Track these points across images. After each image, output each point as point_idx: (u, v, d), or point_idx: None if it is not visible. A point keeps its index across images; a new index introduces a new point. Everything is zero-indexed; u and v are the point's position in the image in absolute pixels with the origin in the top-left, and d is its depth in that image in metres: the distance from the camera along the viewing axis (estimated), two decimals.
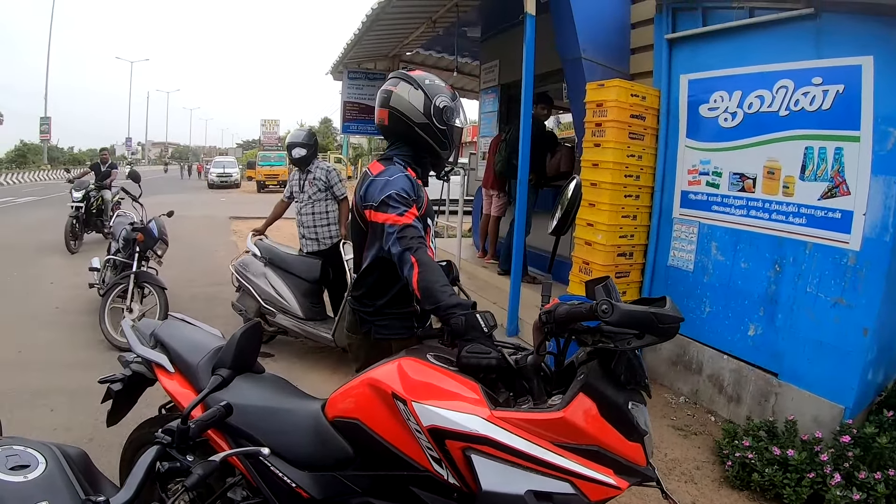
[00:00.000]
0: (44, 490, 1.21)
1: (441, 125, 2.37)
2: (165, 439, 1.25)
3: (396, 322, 2.38)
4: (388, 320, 2.39)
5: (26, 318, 6.16)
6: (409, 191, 2.23)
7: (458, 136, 2.48)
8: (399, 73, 2.46)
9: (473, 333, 1.83)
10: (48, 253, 9.95)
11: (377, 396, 1.79)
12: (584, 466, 1.55)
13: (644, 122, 4.72)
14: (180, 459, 1.25)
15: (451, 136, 2.43)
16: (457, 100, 2.46)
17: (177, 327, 2.53)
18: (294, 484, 1.91)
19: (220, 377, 1.38)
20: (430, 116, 2.35)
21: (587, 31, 5.06)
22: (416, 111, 2.34)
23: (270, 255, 5.47)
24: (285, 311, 5.22)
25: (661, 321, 1.47)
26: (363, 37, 8.07)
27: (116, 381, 2.49)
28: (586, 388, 1.59)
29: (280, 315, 5.24)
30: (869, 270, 3.49)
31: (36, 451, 1.31)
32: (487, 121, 9.14)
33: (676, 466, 3.68)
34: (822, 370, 3.70)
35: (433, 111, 2.35)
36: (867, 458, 3.23)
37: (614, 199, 4.66)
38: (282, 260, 5.41)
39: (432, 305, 1.96)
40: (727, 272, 4.37)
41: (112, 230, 6.56)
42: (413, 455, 1.73)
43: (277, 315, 5.25)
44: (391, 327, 2.40)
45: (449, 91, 2.43)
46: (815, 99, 3.74)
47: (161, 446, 1.24)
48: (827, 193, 3.70)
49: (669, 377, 4.82)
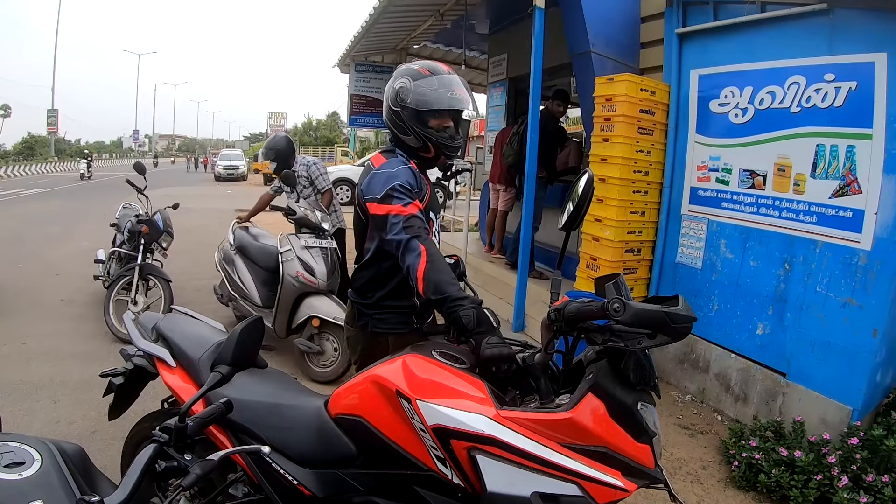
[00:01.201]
0: (38, 488, 1.18)
1: (395, 107, 2.28)
2: (163, 437, 1.22)
3: (394, 316, 2.35)
4: (385, 314, 2.36)
5: (32, 310, 6.17)
6: (412, 182, 2.20)
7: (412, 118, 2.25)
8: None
9: (485, 327, 1.82)
10: (54, 245, 9.95)
11: (381, 394, 1.77)
12: (592, 468, 1.52)
13: (653, 117, 4.68)
14: (178, 458, 1.22)
15: (405, 119, 2.26)
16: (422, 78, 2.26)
17: (179, 321, 2.51)
18: (296, 481, 1.88)
19: (220, 374, 1.35)
20: (392, 100, 2.30)
21: (596, 24, 5.02)
22: (388, 97, 2.33)
23: (240, 243, 5.61)
24: (246, 298, 5.36)
25: (674, 321, 1.43)
26: (370, 29, 8.05)
27: (118, 375, 2.48)
28: (595, 388, 1.56)
29: (241, 301, 5.41)
30: (880, 271, 3.45)
31: (32, 447, 1.28)
32: (495, 115, 9.10)
33: (682, 466, 3.66)
34: (830, 371, 3.66)
35: (392, 94, 2.29)
36: (875, 460, 3.19)
37: (623, 194, 4.62)
38: (246, 248, 5.53)
39: (439, 296, 1.91)
40: (736, 270, 4.33)
41: (117, 222, 6.55)
42: (417, 454, 1.70)
43: (239, 301, 5.43)
44: (388, 321, 2.36)
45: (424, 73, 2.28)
46: (827, 96, 3.69)
47: (158, 444, 1.21)
48: (838, 192, 3.65)
49: (676, 375, 4.78)
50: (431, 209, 2.36)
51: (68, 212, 13.84)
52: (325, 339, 4.76)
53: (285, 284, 4.80)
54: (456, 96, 2.25)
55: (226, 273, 5.61)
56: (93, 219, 12.87)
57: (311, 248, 4.90)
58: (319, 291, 4.79)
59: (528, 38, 5.16)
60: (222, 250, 5.82)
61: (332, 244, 5.07)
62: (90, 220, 12.78)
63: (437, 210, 2.44)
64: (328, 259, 4.91)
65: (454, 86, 2.27)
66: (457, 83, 2.28)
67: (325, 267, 4.82)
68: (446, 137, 2.29)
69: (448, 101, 2.24)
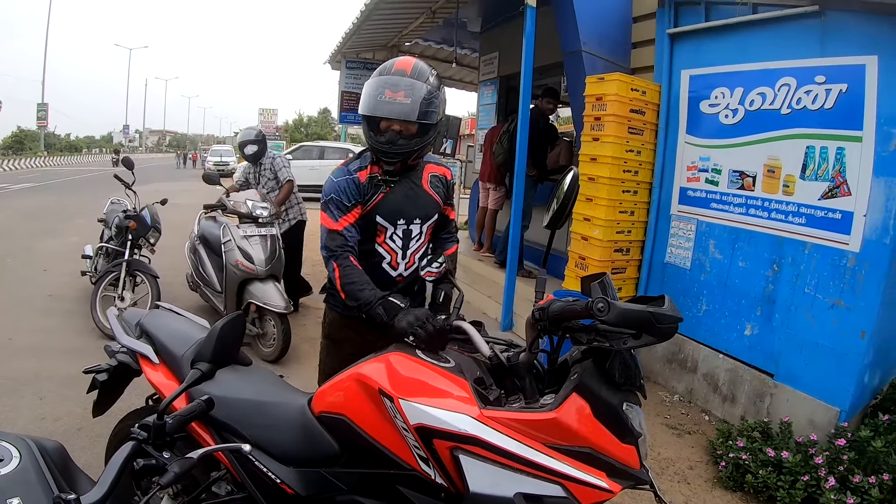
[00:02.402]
0: (17, 485, 1.17)
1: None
2: (141, 435, 1.20)
3: (339, 297, 2.36)
4: (335, 292, 2.38)
5: (19, 305, 6.10)
6: (349, 195, 2.28)
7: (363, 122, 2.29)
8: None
9: (394, 311, 2.02)
10: (43, 239, 9.87)
11: (364, 392, 1.75)
12: (576, 469, 1.51)
13: (644, 117, 4.68)
14: (156, 456, 1.21)
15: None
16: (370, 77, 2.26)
17: (163, 317, 2.49)
18: (279, 480, 1.87)
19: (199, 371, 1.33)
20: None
21: (588, 23, 5.02)
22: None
23: (202, 233, 5.86)
24: (208, 285, 5.58)
25: (660, 321, 1.42)
26: (362, 26, 8.03)
27: (102, 372, 2.46)
28: (580, 388, 1.55)
29: (204, 287, 5.67)
30: (868, 273, 3.46)
31: (11, 444, 1.27)
32: (486, 113, 9.10)
33: (669, 466, 3.66)
34: (818, 372, 3.67)
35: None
36: (862, 461, 3.20)
37: (612, 194, 4.62)
38: (207, 239, 5.74)
39: (355, 303, 2.17)
40: (724, 271, 4.33)
41: (105, 217, 6.50)
42: (400, 453, 1.68)
43: (202, 287, 5.71)
44: (336, 298, 2.42)
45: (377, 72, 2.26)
46: (817, 98, 3.70)
47: (137, 442, 1.19)
48: (827, 193, 3.66)
49: (664, 375, 4.79)
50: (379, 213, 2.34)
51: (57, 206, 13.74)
52: (266, 321, 5.04)
53: (228, 272, 5.09)
54: (381, 100, 2.20)
55: (192, 261, 5.93)
56: (82, 213, 12.80)
57: (251, 237, 5.16)
58: (259, 277, 5.01)
59: (519, 37, 5.17)
60: (191, 240, 6.12)
61: (271, 231, 5.31)
62: (79, 215, 12.71)
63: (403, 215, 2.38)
64: (266, 246, 5.14)
65: (383, 88, 2.20)
66: (389, 85, 2.20)
67: (262, 254, 5.06)
68: (378, 141, 2.26)
69: (369, 105, 2.22)
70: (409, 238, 2.42)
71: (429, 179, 2.46)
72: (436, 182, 2.48)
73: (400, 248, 2.42)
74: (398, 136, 2.23)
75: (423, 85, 2.20)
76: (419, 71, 2.25)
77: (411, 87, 2.19)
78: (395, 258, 2.42)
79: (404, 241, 2.42)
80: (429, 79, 2.24)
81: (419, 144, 2.29)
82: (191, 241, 6.10)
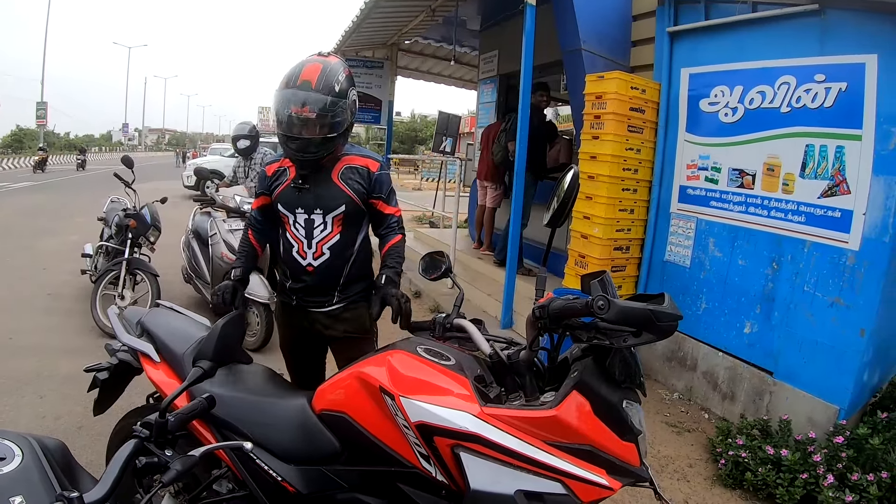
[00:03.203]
0: (19, 483, 1.17)
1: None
2: (143, 433, 1.21)
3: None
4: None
5: (18, 304, 6.11)
6: (260, 182, 2.65)
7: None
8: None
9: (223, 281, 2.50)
10: (42, 238, 9.87)
11: (365, 390, 1.76)
12: (576, 466, 1.51)
13: (643, 115, 4.68)
14: (158, 454, 1.21)
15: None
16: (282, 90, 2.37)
17: (164, 316, 2.49)
18: (280, 477, 1.87)
19: (201, 369, 1.34)
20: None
21: (588, 22, 5.02)
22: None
23: (195, 228, 6.06)
24: (200, 277, 5.85)
25: (659, 319, 1.42)
26: (361, 24, 8.03)
27: (102, 370, 2.47)
28: (580, 385, 1.55)
29: (196, 280, 5.94)
30: (868, 271, 3.47)
31: (13, 443, 1.27)
32: (486, 111, 9.10)
33: (669, 464, 3.67)
34: (817, 370, 3.68)
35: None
36: (860, 459, 3.21)
37: (612, 192, 4.62)
38: (198, 233, 5.94)
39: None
40: (724, 269, 4.34)
41: (105, 216, 6.51)
42: (401, 451, 1.69)
43: (195, 279, 5.97)
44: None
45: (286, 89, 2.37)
46: (817, 96, 3.71)
47: (139, 440, 1.20)
48: (827, 192, 3.67)
49: (664, 373, 4.80)
50: (280, 202, 2.53)
51: (57, 205, 13.75)
52: (250, 311, 5.15)
53: (213, 264, 5.36)
54: (289, 115, 2.34)
55: (185, 255, 6.20)
56: (81, 212, 12.83)
57: (236, 231, 5.37)
58: None
59: (519, 35, 5.17)
60: (186, 234, 6.37)
61: None
62: (78, 214, 12.74)
63: (302, 205, 2.50)
64: None
65: (290, 104, 2.33)
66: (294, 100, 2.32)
67: None
68: (291, 151, 2.43)
69: (278, 122, 2.39)
70: (313, 227, 2.51)
71: (340, 171, 2.52)
72: (350, 174, 2.52)
73: (304, 238, 2.51)
74: (308, 143, 2.37)
75: (326, 98, 2.32)
76: (325, 81, 2.34)
77: (316, 102, 2.31)
78: (301, 247, 2.52)
79: (307, 230, 2.51)
80: (335, 87, 2.35)
81: (329, 150, 2.43)
82: (185, 236, 6.32)
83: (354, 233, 2.58)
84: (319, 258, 2.52)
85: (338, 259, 2.54)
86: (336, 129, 2.38)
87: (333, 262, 2.53)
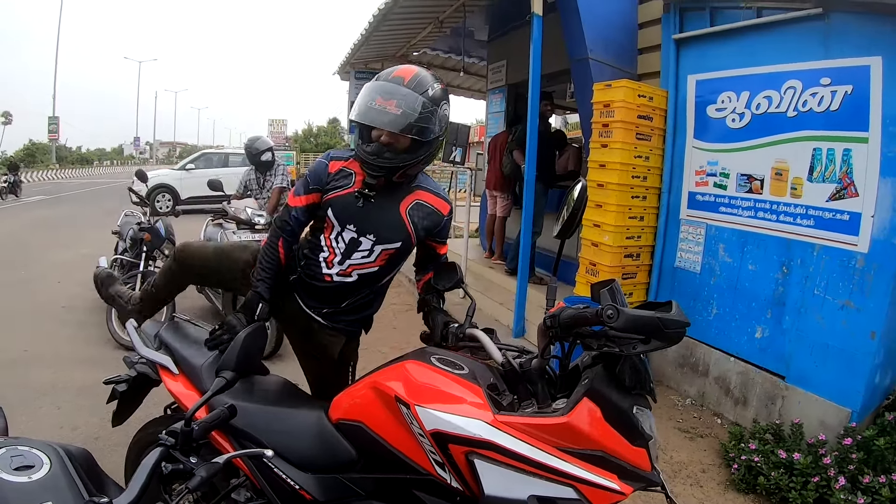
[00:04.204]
0: (48, 490, 1.21)
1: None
2: (169, 441, 1.26)
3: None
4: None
5: (33, 316, 6.18)
6: (315, 178, 2.33)
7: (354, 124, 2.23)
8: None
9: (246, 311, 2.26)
10: (55, 251, 9.98)
11: (381, 399, 1.80)
12: (589, 472, 1.54)
13: (651, 122, 4.72)
14: (184, 461, 1.26)
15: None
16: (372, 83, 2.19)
17: (181, 329, 2.54)
18: (297, 486, 1.91)
19: (224, 379, 1.38)
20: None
21: (594, 31, 5.07)
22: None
23: (207, 237, 6.12)
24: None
25: (667, 326, 1.46)
26: (370, 36, 8.12)
27: (121, 382, 2.51)
28: (591, 392, 1.58)
29: (207, 289, 5.88)
30: (877, 273, 3.48)
31: (40, 451, 1.31)
32: (495, 121, 9.16)
33: (682, 469, 3.68)
34: (829, 373, 3.69)
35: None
36: (871, 461, 3.23)
37: (621, 200, 4.66)
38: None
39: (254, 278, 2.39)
40: (734, 274, 4.36)
41: (119, 230, 6.59)
42: (416, 458, 1.72)
43: (206, 288, 5.89)
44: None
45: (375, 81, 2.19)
46: (823, 100, 3.73)
47: (164, 448, 1.24)
48: (835, 195, 3.69)
49: (676, 379, 4.81)
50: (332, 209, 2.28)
51: (69, 218, 13.88)
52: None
53: None
54: (371, 106, 2.11)
55: None
56: (93, 225, 12.94)
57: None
58: None
59: (526, 45, 5.22)
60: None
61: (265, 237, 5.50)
62: (91, 227, 12.85)
63: (354, 222, 2.29)
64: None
65: (375, 95, 2.12)
66: (381, 92, 2.11)
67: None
68: (363, 150, 2.18)
69: (358, 112, 2.14)
70: (355, 248, 2.31)
71: (411, 204, 2.32)
72: (418, 211, 2.33)
73: (341, 253, 2.31)
74: (385, 148, 2.15)
75: (417, 97, 2.10)
76: (418, 81, 2.14)
77: (405, 98, 2.09)
78: (332, 258, 2.32)
79: (348, 248, 2.30)
80: (428, 91, 2.13)
81: (406, 161, 2.18)
82: None
83: (392, 269, 2.43)
84: (344, 277, 2.34)
85: (363, 287, 2.39)
86: (422, 136, 2.14)
87: (355, 288, 2.37)
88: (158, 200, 15.94)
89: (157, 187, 16.24)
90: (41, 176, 36.06)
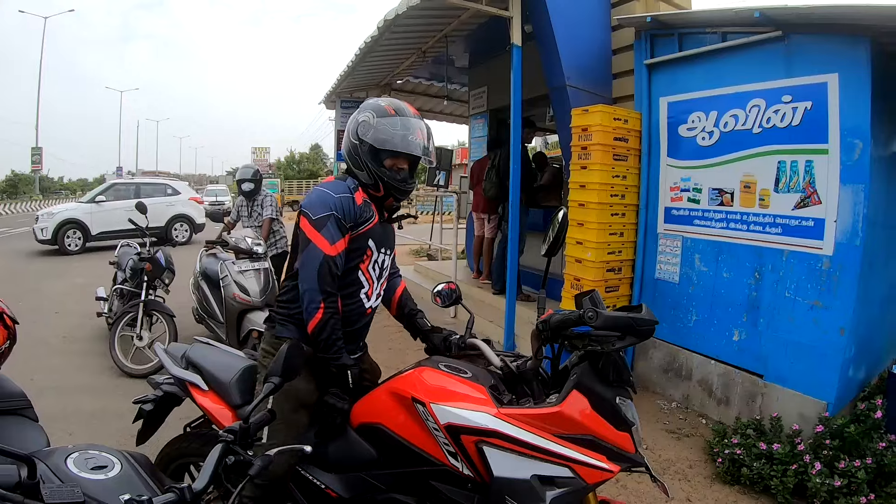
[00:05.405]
0: (123, 485, 1.43)
1: (354, 140, 2.28)
2: (229, 437, 1.47)
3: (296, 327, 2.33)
4: (291, 324, 2.35)
5: (35, 346, 6.26)
6: (349, 215, 2.22)
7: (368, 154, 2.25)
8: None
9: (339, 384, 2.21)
10: (49, 282, 10.10)
11: (398, 402, 2.06)
12: (581, 454, 1.78)
13: (627, 143, 4.97)
14: (242, 454, 1.47)
15: (361, 153, 2.26)
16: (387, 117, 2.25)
17: (206, 349, 2.74)
18: (323, 485, 2.15)
19: (273, 384, 1.59)
20: (353, 133, 2.29)
21: (571, 59, 5.28)
22: (349, 129, 2.33)
23: (203, 269, 6.20)
24: (212, 317, 5.94)
25: (639, 324, 1.75)
26: (356, 67, 8.28)
27: (148, 402, 2.71)
28: (579, 385, 1.84)
29: (209, 319, 6.04)
30: (842, 273, 3.74)
31: (110, 454, 1.53)
32: (478, 145, 9.33)
33: (670, 466, 3.89)
34: (804, 369, 3.93)
35: (354, 126, 2.30)
36: (846, 447, 3.46)
37: (601, 217, 4.88)
38: (207, 274, 6.06)
39: (322, 354, 2.19)
40: (711, 282, 4.61)
41: (117, 260, 6.73)
42: (431, 451, 1.97)
43: (207, 319, 6.08)
44: (290, 329, 2.35)
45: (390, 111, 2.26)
46: (785, 116, 4.01)
47: (225, 443, 1.46)
48: (800, 204, 3.96)
49: (661, 384, 5.03)
50: (372, 238, 2.33)
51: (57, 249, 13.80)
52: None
53: (227, 305, 5.46)
54: (416, 141, 2.24)
55: (196, 296, 6.30)
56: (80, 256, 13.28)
57: (246, 272, 5.57)
58: (256, 307, 5.39)
59: (506, 71, 5.39)
60: (194, 276, 6.46)
61: (264, 265, 5.75)
62: (79, 257, 13.11)
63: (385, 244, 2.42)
64: (261, 279, 5.57)
65: (416, 130, 2.25)
66: (419, 128, 2.27)
67: (257, 286, 5.49)
68: (398, 179, 2.28)
69: (406, 144, 2.22)
70: (383, 269, 2.45)
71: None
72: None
73: (376, 278, 2.41)
74: (410, 174, 2.35)
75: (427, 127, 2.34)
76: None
77: (428, 130, 2.33)
78: (371, 287, 2.40)
79: (381, 269, 2.43)
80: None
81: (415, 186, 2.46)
82: (194, 278, 6.44)
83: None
84: (376, 300, 2.47)
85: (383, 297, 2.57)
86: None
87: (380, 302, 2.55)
88: (68, 237, 13.82)
89: (64, 223, 13.84)
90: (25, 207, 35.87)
